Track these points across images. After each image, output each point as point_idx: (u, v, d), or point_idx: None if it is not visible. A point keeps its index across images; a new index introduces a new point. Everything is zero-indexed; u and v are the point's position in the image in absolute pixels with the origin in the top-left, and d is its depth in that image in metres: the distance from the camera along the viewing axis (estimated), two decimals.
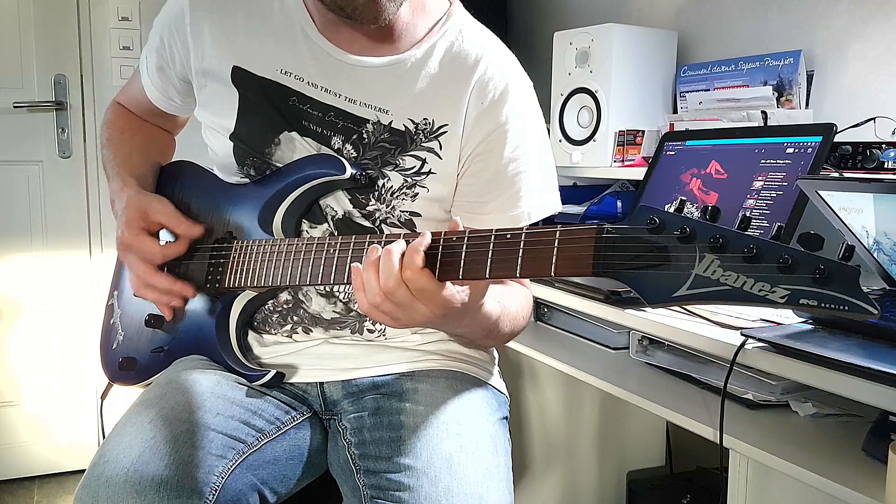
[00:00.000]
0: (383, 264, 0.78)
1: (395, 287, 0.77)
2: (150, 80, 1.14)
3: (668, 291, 0.64)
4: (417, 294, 0.78)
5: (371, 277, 0.79)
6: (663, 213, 0.66)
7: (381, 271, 0.78)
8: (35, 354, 2.41)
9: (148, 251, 1.02)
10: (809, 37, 1.55)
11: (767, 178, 1.26)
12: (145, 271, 1.02)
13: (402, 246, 0.79)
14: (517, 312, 0.99)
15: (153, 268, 1.03)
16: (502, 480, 0.95)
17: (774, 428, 1.07)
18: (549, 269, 0.73)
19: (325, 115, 1.01)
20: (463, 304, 0.81)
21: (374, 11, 0.92)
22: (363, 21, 0.94)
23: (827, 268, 0.58)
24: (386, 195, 1.01)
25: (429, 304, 0.78)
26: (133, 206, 1.04)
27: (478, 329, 0.94)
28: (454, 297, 0.80)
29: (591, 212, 1.73)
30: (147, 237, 1.03)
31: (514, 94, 1.01)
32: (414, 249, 0.77)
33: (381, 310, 0.80)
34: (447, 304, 0.79)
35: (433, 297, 0.78)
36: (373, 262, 0.79)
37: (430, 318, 0.80)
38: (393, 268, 0.77)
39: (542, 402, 1.80)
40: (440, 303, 0.78)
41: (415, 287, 0.77)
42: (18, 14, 2.30)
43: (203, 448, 0.89)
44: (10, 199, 2.35)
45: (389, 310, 0.79)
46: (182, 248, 1.04)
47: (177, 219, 1.04)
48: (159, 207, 1.04)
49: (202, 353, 1.06)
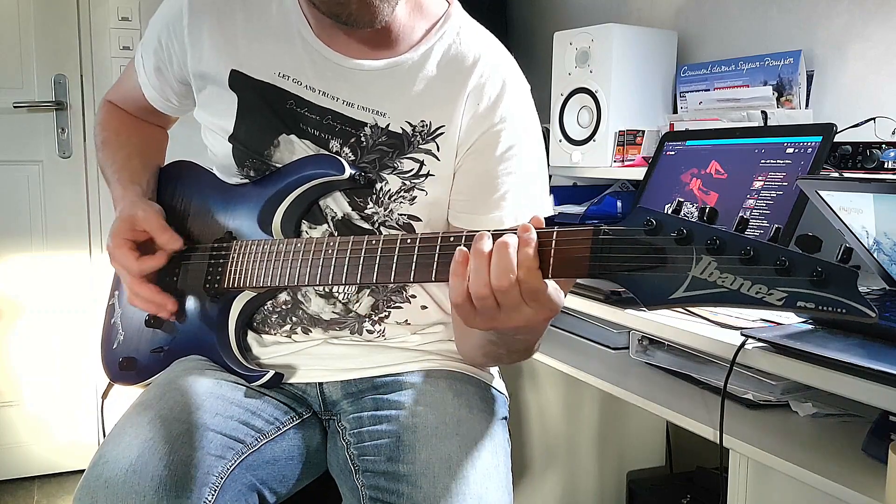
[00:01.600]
0: (499, 258, 0.71)
1: (510, 287, 0.71)
2: (148, 80, 1.14)
3: (665, 293, 0.64)
4: (527, 295, 0.72)
5: (482, 267, 0.72)
6: (660, 215, 0.66)
7: (494, 265, 0.72)
8: (35, 354, 2.41)
9: (125, 264, 1.02)
10: (809, 37, 1.55)
11: (767, 178, 1.26)
12: (130, 281, 1.03)
13: (516, 239, 0.72)
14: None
15: (137, 278, 1.03)
16: (502, 481, 0.95)
17: (774, 428, 1.07)
18: (546, 270, 0.73)
19: (322, 119, 1.01)
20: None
21: (368, 15, 0.92)
22: (359, 25, 0.94)
23: (824, 270, 0.58)
24: (384, 199, 1.01)
25: (537, 307, 0.73)
26: (122, 217, 1.04)
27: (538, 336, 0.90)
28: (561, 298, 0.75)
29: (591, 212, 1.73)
30: (126, 250, 1.02)
31: (510, 96, 1.01)
32: (523, 244, 0.71)
33: (482, 305, 0.73)
34: (555, 307, 0.74)
35: (544, 298, 0.73)
36: (485, 252, 0.72)
37: (534, 322, 0.74)
38: (511, 265, 0.71)
39: (542, 402, 1.80)
40: (551, 306, 0.74)
41: (527, 288, 0.72)
42: (18, 14, 2.30)
43: (202, 448, 0.89)
44: (10, 199, 2.35)
45: (488, 307, 0.73)
46: (160, 262, 1.03)
47: (159, 229, 1.03)
48: (143, 217, 1.03)
49: (202, 354, 1.06)
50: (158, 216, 1.04)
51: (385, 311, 1.05)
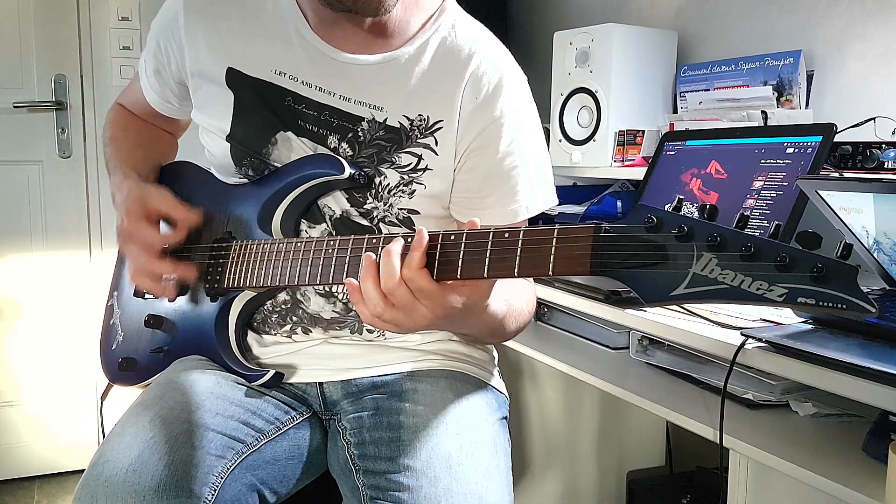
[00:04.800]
0: (384, 264, 0.78)
1: (395, 287, 0.77)
2: (149, 84, 1.15)
3: (666, 290, 0.64)
4: (417, 294, 0.77)
5: (370, 287, 0.78)
6: (661, 212, 0.66)
7: (381, 271, 0.78)
8: (35, 354, 2.41)
9: (148, 238, 1.03)
10: (809, 37, 1.55)
11: (767, 178, 1.26)
12: (146, 259, 1.03)
13: (401, 245, 0.79)
14: (521, 308, 0.98)
15: (154, 255, 1.03)
16: (502, 480, 0.95)
17: (774, 428, 1.07)
18: (546, 268, 0.73)
19: (320, 115, 1.01)
20: (465, 305, 0.81)
21: (374, 3, 0.93)
22: (363, 13, 0.94)
23: (825, 266, 0.58)
24: (383, 193, 1.01)
25: (429, 305, 0.78)
26: (133, 197, 1.05)
27: (484, 328, 0.94)
28: (454, 298, 0.79)
29: (591, 212, 1.73)
30: (145, 225, 1.03)
31: (507, 88, 1.01)
32: (413, 248, 0.77)
33: (384, 318, 0.79)
34: (447, 305, 0.79)
35: (433, 296, 0.77)
36: (370, 268, 0.79)
37: (433, 319, 0.79)
38: (394, 267, 0.77)
39: (542, 402, 1.79)
40: (441, 302, 0.78)
41: (415, 286, 0.77)
42: (18, 14, 2.30)
43: (202, 448, 0.89)
44: (10, 199, 2.35)
45: (392, 317, 0.79)
46: (182, 236, 1.05)
47: (175, 206, 1.05)
48: (158, 195, 1.05)
49: (202, 354, 1.06)
50: (170, 194, 1.05)
51: None
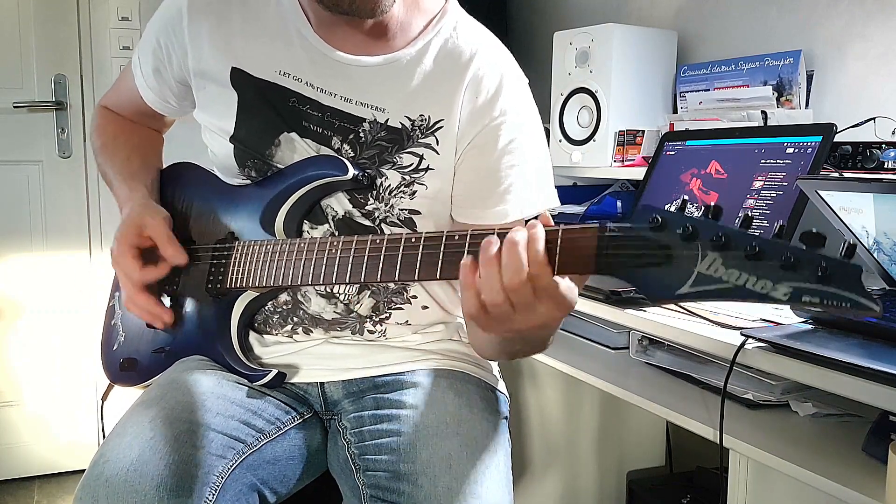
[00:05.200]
0: (508, 258, 0.69)
1: (521, 285, 0.69)
2: (146, 82, 1.14)
3: (671, 289, 0.64)
4: (540, 293, 0.70)
5: (492, 274, 0.70)
6: (665, 212, 0.66)
7: (504, 266, 0.70)
8: (35, 354, 2.41)
9: (129, 272, 1.01)
10: (809, 37, 1.55)
11: (767, 178, 1.26)
12: (129, 289, 1.02)
13: (525, 236, 0.70)
14: None
15: (137, 287, 1.02)
16: (502, 480, 0.95)
17: (774, 428, 1.07)
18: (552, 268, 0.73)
19: (323, 116, 1.01)
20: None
21: (370, 4, 0.92)
22: (360, 15, 0.94)
23: (829, 265, 0.58)
24: (384, 194, 1.01)
25: (550, 305, 0.71)
26: (130, 220, 1.03)
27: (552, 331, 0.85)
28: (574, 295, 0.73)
29: (591, 212, 1.73)
30: (129, 258, 1.01)
31: (508, 90, 1.01)
32: (535, 239, 0.69)
33: (496, 312, 0.71)
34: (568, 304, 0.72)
35: (556, 295, 0.71)
36: (493, 256, 0.70)
37: (548, 321, 0.72)
38: (521, 262, 0.69)
39: (542, 402, 1.80)
40: (564, 302, 0.71)
41: (539, 284, 0.69)
42: (18, 14, 2.30)
43: (203, 448, 0.89)
44: (10, 199, 2.35)
45: (503, 312, 0.71)
46: (161, 273, 1.02)
47: (166, 241, 1.02)
48: (153, 224, 1.02)
49: (203, 354, 1.06)
50: (166, 225, 1.03)
51: (386, 312, 1.05)
